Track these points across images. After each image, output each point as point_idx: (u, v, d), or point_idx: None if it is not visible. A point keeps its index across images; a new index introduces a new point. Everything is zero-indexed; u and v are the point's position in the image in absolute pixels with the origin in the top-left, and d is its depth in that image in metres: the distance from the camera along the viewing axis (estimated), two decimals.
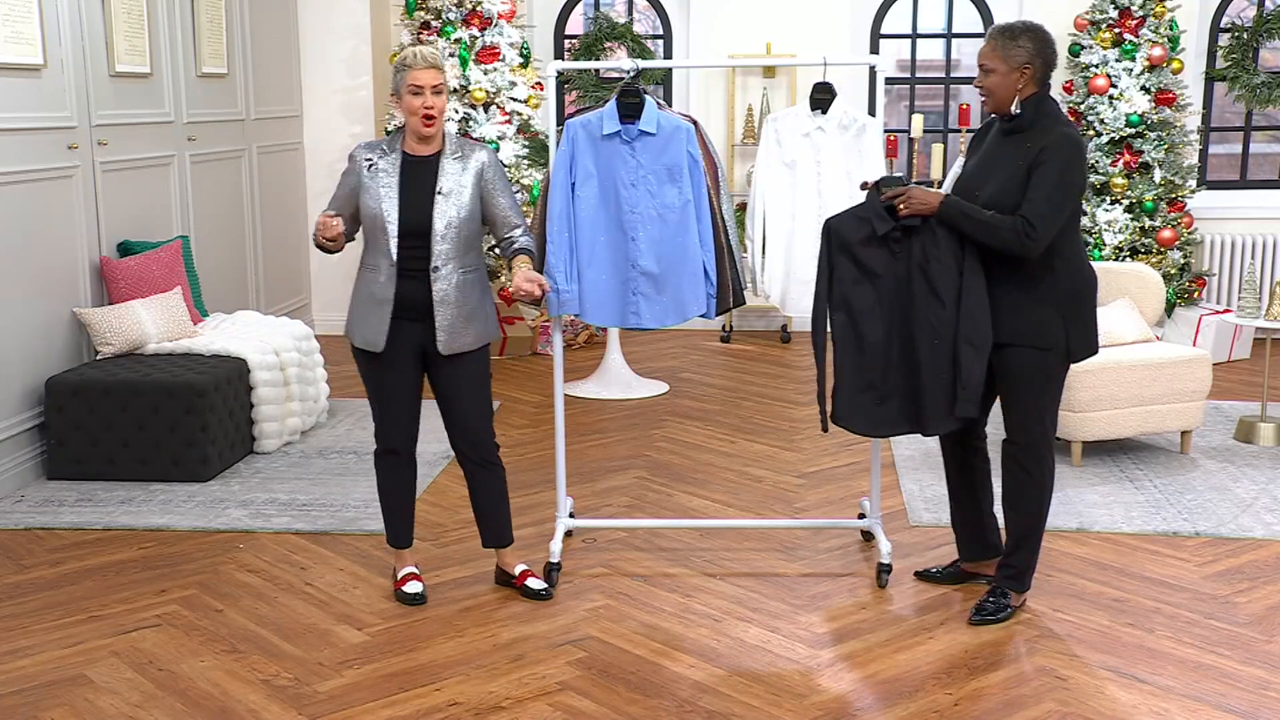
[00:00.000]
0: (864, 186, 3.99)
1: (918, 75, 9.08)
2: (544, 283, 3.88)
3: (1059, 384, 3.98)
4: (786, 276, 4.55)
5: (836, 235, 3.95)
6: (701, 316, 4.35)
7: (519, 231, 4.03)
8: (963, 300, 3.85)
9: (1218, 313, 7.84)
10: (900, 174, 3.94)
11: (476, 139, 8.04)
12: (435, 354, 4.03)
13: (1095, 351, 4.01)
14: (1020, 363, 3.90)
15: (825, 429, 4.07)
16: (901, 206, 3.84)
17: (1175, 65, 7.95)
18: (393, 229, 3.91)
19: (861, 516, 4.72)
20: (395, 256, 3.93)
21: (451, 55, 7.94)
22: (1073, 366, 5.43)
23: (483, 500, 4.25)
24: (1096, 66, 7.99)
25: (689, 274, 4.25)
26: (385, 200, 3.93)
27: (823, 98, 4.28)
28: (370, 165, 3.96)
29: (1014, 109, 3.85)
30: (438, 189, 3.95)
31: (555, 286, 4.25)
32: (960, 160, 4.28)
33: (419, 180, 3.96)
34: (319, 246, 3.96)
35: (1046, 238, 3.75)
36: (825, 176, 4.43)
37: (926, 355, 3.90)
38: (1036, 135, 3.82)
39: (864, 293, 3.93)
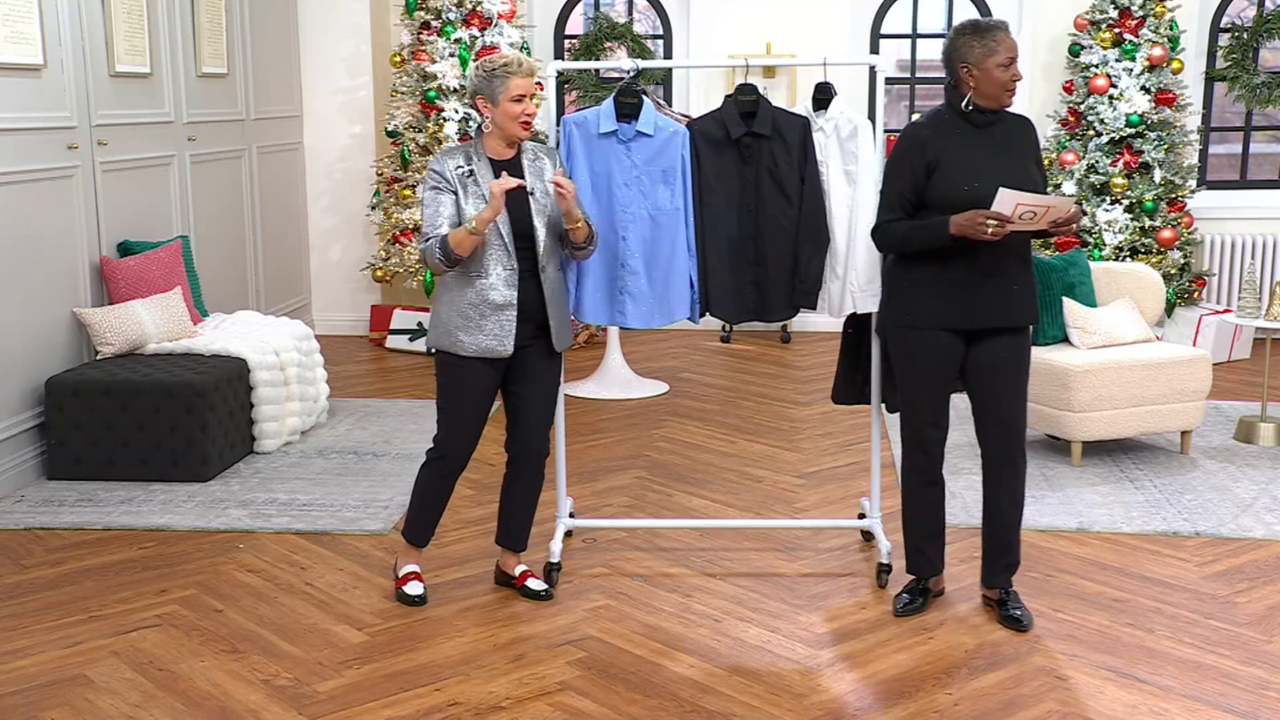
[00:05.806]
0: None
1: (918, 75, 9.08)
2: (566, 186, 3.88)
3: None
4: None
5: (699, 133, 4.25)
6: (688, 320, 4.35)
7: None
8: (803, 204, 4.21)
9: (1218, 313, 7.83)
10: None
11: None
12: (529, 354, 4.06)
13: None
14: (1027, 343, 3.98)
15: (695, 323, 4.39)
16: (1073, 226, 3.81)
17: (1175, 65, 7.95)
18: (507, 232, 3.94)
19: (862, 516, 4.72)
20: (516, 260, 3.96)
21: (451, 55, 7.94)
22: (1073, 366, 5.52)
23: (514, 499, 4.29)
24: (1096, 66, 7.98)
25: (677, 276, 4.26)
26: None
27: (821, 97, 4.27)
28: (464, 173, 3.97)
29: None
30: (529, 190, 3.99)
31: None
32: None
33: None
34: (450, 261, 3.88)
35: None
36: (826, 176, 4.42)
37: (772, 251, 4.24)
38: (1013, 120, 3.92)
39: (720, 189, 4.25)
